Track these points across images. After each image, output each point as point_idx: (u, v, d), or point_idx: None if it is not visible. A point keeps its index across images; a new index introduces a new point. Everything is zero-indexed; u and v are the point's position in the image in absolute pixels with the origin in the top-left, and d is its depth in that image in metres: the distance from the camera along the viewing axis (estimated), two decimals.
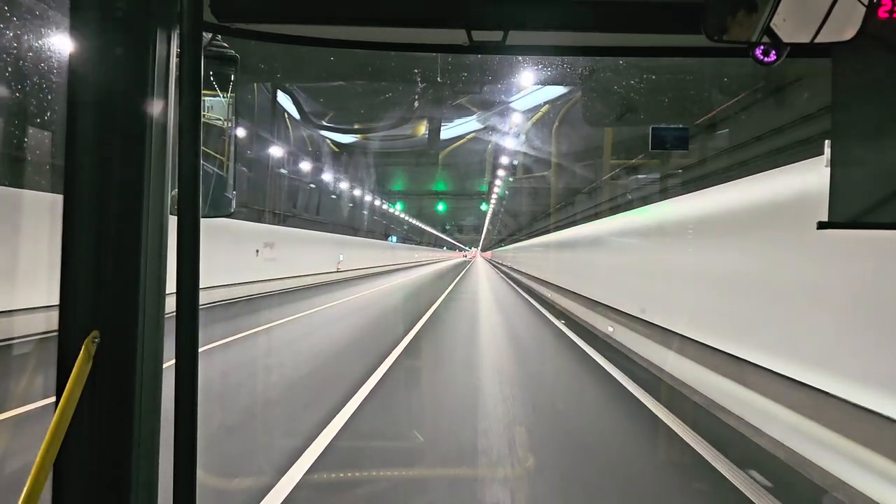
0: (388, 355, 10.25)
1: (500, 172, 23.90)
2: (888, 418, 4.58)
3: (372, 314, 18.11)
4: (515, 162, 21.23)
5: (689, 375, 8.21)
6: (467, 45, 1.43)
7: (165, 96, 1.22)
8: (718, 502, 4.86)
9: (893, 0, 1.19)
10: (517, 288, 30.86)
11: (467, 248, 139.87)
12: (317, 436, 5.77)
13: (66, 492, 1.14)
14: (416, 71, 8.39)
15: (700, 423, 6.71)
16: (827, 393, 5.31)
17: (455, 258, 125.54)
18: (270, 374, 9.11)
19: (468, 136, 17.74)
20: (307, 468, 4.97)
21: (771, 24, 1.12)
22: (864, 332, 5.01)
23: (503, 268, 61.52)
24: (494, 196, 33.49)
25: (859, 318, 5.11)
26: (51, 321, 1.22)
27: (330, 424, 6.17)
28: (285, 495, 4.42)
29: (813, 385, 5.51)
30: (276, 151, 21.45)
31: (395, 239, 74.27)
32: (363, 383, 8.03)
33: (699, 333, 8.04)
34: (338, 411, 6.65)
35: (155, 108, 1.19)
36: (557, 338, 13.56)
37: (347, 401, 7.11)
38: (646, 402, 7.66)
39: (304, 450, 5.36)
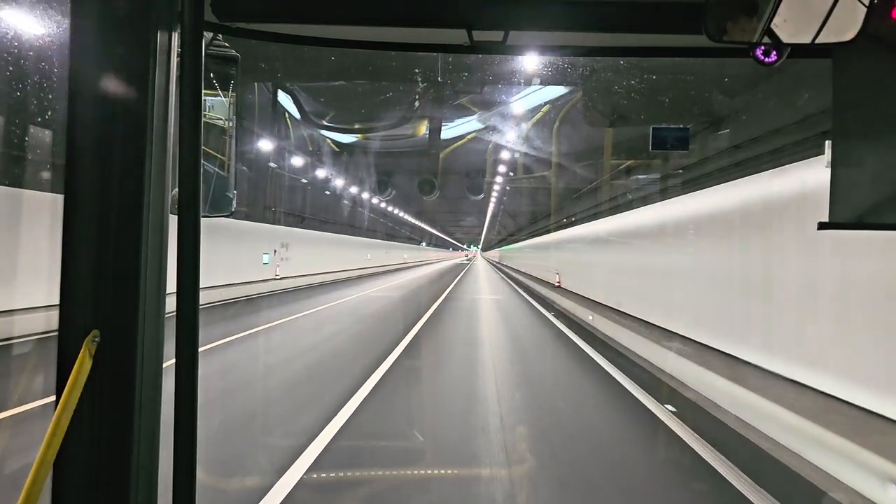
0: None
1: (500, 172, 23.94)
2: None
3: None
4: (516, 162, 21.26)
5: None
6: (468, 44, 1.43)
7: (166, 96, 1.22)
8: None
9: (894, 2, 1.19)
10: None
11: (468, 248, 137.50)
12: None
13: (66, 491, 1.14)
14: (416, 71, 8.40)
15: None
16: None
17: (456, 258, 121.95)
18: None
19: (469, 136, 17.75)
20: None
21: (772, 25, 1.12)
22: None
23: (504, 268, 60.15)
24: (495, 195, 33.63)
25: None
26: (51, 321, 1.22)
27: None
28: (285, 494, 4.43)
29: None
30: (280, 152, 21.52)
31: (424, 244, 73.98)
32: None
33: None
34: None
35: (156, 107, 1.19)
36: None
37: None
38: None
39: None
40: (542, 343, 13.21)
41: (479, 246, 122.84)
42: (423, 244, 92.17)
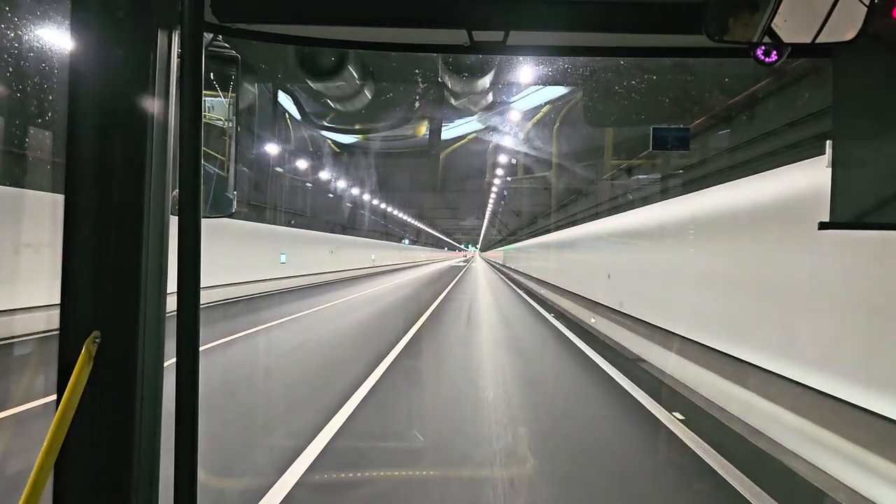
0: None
1: (501, 164, 23.97)
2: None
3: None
4: (515, 161, 21.29)
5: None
6: (468, 45, 1.43)
7: (166, 96, 1.22)
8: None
9: (894, 1, 1.19)
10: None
11: (466, 248, 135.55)
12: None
13: (67, 491, 1.14)
14: (416, 71, 8.41)
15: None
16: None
17: (453, 258, 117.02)
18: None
19: (469, 137, 17.77)
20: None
21: (772, 25, 1.12)
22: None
23: (509, 272, 49.37)
24: (494, 194, 33.42)
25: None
26: (51, 320, 1.22)
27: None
28: (284, 495, 4.42)
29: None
30: (278, 152, 21.50)
31: (407, 242, 64.65)
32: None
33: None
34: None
35: (156, 108, 1.19)
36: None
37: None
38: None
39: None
40: None
41: (478, 246, 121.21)
42: (406, 242, 71.34)
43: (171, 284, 1.22)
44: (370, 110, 13.09)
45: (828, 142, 1.30)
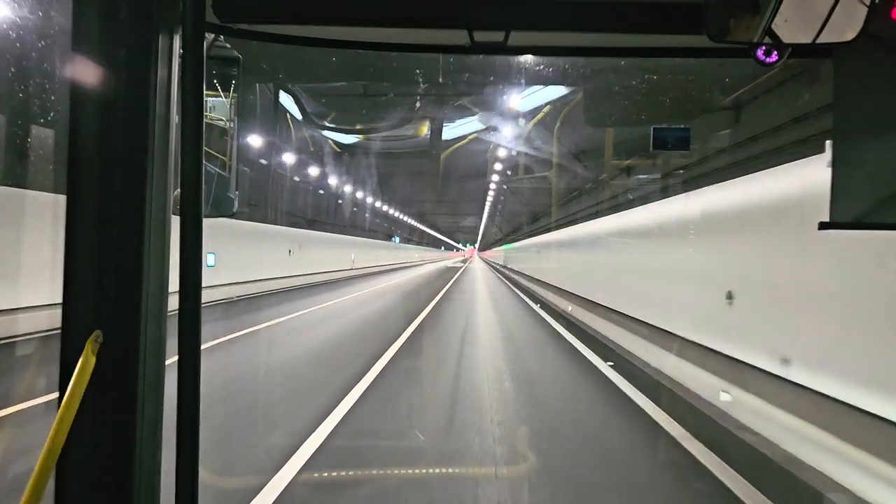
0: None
1: (500, 172, 24.01)
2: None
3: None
4: (517, 161, 21.34)
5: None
6: (469, 45, 1.43)
7: (168, 97, 1.22)
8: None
9: (895, 2, 1.19)
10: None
11: (464, 247, 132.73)
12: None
13: (69, 491, 1.15)
14: (417, 71, 8.42)
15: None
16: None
17: (451, 258, 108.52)
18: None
19: (470, 137, 17.79)
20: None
21: (772, 25, 1.12)
22: None
23: (507, 271, 48.64)
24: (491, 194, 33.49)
25: None
26: (53, 320, 1.22)
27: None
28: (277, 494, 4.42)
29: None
30: (285, 156, 21.58)
31: (397, 240, 61.32)
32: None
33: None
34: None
35: (157, 108, 1.19)
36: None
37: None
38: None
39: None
40: None
41: (476, 245, 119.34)
42: (396, 240, 63.89)
43: (173, 284, 1.22)
44: (370, 110, 13.11)
45: (828, 141, 1.30)
